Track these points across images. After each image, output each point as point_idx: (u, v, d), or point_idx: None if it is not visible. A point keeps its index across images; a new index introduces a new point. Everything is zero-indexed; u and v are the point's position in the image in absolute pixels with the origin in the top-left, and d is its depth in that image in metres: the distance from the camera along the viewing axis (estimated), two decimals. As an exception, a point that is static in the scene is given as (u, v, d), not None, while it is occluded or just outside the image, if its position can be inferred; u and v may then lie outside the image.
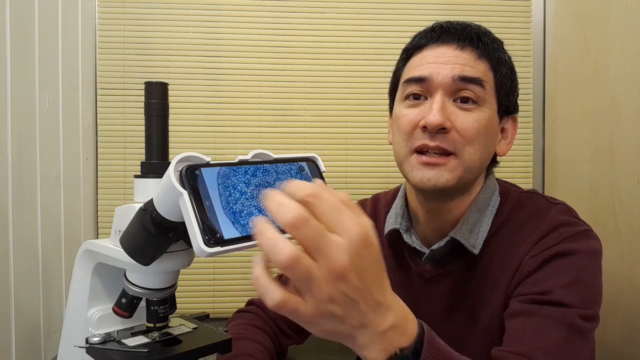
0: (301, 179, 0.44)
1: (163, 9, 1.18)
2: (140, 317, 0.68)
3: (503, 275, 0.64)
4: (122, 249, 0.57)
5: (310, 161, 0.46)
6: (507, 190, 0.72)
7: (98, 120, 1.18)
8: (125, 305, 0.65)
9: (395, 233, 0.74)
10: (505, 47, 0.70)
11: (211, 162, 0.39)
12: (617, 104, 0.98)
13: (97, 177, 1.18)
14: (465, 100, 0.63)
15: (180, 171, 0.37)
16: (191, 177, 0.37)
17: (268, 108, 1.20)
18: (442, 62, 0.63)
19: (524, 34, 1.25)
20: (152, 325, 0.65)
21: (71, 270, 0.74)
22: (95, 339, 0.65)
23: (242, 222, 0.37)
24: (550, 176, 1.24)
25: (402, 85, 0.68)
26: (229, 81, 1.20)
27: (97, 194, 1.18)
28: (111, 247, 0.63)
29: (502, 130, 0.69)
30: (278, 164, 0.43)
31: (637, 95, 0.92)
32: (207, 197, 0.37)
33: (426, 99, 0.65)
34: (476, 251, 0.66)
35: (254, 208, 0.39)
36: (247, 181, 0.40)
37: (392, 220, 0.74)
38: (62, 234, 1.01)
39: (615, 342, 0.96)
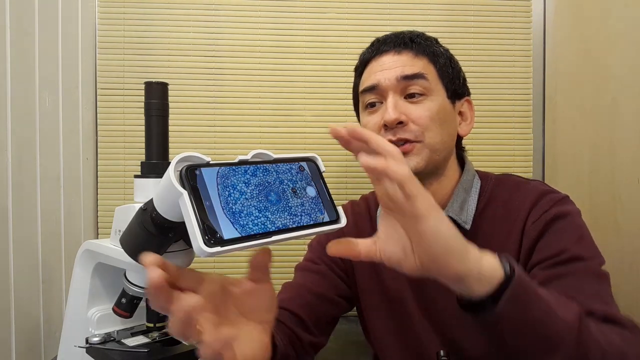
0: (301, 179, 0.44)
1: (163, 9, 1.18)
2: (140, 317, 0.68)
3: (506, 247, 0.69)
4: (122, 249, 0.57)
5: (310, 161, 0.46)
6: (485, 174, 0.80)
7: (98, 120, 1.18)
8: (125, 305, 0.65)
9: None
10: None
11: (211, 162, 0.39)
12: (617, 104, 0.98)
13: (97, 177, 1.18)
14: (413, 94, 0.72)
15: (180, 171, 0.37)
16: (191, 177, 0.37)
17: (268, 108, 1.20)
18: (385, 69, 0.73)
19: (524, 34, 1.25)
20: (152, 325, 0.65)
21: (71, 270, 0.74)
22: (95, 339, 0.65)
23: (241, 222, 0.37)
24: (550, 176, 1.24)
25: (360, 97, 0.78)
26: (229, 81, 1.20)
27: (97, 194, 1.18)
28: (111, 247, 0.63)
29: (460, 113, 0.78)
30: (278, 164, 0.43)
31: (637, 95, 0.92)
32: (207, 197, 0.37)
33: (382, 103, 0.74)
34: (468, 226, 0.71)
35: (253, 208, 0.39)
36: (246, 181, 0.40)
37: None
38: (62, 234, 1.01)
39: (615, 342, 0.96)
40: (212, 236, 0.35)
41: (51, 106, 0.98)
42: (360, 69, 0.80)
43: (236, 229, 0.37)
